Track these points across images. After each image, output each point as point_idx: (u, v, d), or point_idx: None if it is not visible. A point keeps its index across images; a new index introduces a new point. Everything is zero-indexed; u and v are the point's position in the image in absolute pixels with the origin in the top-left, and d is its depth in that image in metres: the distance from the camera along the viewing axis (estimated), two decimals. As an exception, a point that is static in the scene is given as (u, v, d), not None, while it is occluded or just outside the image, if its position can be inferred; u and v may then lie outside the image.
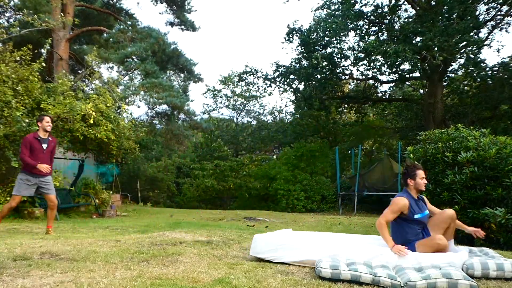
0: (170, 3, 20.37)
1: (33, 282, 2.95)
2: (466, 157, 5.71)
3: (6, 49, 9.54)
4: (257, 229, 7.29)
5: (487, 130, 6.45)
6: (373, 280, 3.15)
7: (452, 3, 14.31)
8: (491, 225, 5.36)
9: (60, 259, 3.78)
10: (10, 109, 8.24)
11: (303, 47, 18.06)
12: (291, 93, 22.02)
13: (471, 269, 3.41)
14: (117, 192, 14.78)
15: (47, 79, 12.46)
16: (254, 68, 22.37)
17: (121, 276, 3.16)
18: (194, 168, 20.06)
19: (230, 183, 18.68)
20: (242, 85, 27.06)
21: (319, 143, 20.45)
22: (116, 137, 10.40)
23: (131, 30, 18.04)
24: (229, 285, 3.01)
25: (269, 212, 13.95)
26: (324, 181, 17.67)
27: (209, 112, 29.69)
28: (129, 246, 4.51)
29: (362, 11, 17.53)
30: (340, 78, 19.35)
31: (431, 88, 17.21)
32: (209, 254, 4.14)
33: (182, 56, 20.43)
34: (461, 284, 3.03)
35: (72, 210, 10.42)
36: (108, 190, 12.30)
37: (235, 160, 19.92)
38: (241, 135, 27.36)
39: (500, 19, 16.36)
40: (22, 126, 8.19)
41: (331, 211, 16.48)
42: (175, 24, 20.83)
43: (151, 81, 16.74)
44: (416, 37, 15.48)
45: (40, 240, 5.05)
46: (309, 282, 3.17)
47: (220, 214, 11.75)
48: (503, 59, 16.38)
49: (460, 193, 5.77)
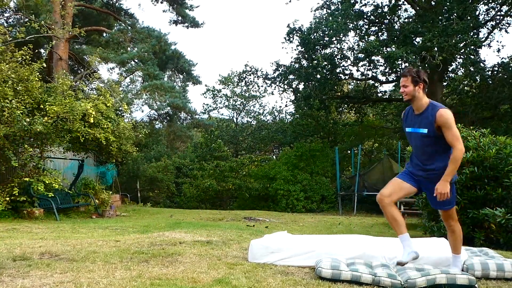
0: (171, 2, 20.37)
1: (32, 282, 2.95)
2: (466, 157, 5.71)
3: (8, 49, 9.55)
4: (257, 229, 7.28)
5: (487, 130, 6.45)
6: (373, 280, 3.15)
7: (452, 3, 14.31)
8: (491, 225, 5.37)
9: (60, 259, 3.78)
10: (11, 109, 8.24)
11: (303, 47, 18.05)
12: (291, 93, 22.00)
13: (471, 270, 3.42)
14: (117, 192, 14.78)
15: (46, 79, 12.46)
16: (254, 68, 22.35)
17: (120, 276, 3.15)
18: (193, 168, 20.05)
19: (230, 184, 18.67)
20: (242, 85, 27.03)
21: (320, 143, 20.44)
22: (116, 137, 10.40)
23: (131, 30, 18.06)
24: (229, 285, 3.01)
25: (269, 212, 13.94)
26: (324, 181, 17.66)
27: (209, 112, 29.69)
28: (128, 246, 4.50)
29: (362, 11, 17.53)
30: (340, 78, 19.33)
31: (431, 88, 17.20)
32: (209, 254, 4.14)
33: (182, 58, 20.45)
34: (459, 278, 3.06)
35: (71, 210, 10.42)
36: (107, 190, 12.29)
37: (235, 160, 19.91)
38: (241, 135, 27.32)
39: (500, 19, 16.37)
40: (22, 126, 8.19)
41: (331, 211, 16.48)
42: (178, 22, 20.83)
43: (153, 83, 16.77)
44: (416, 37, 15.48)
45: (40, 240, 5.05)
46: (309, 282, 3.16)
47: (220, 214, 11.74)
48: (503, 59, 16.39)
49: (460, 193, 5.77)
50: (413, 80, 3.14)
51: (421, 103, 3.17)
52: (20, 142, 8.69)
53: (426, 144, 3.18)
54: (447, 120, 3.03)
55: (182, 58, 20.39)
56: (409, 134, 3.32)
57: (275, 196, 17.35)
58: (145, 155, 21.10)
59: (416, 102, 3.18)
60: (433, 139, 3.12)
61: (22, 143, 8.74)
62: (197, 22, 20.63)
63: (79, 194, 10.99)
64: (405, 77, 3.17)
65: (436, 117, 3.06)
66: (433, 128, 3.09)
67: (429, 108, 3.14)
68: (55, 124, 8.93)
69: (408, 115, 3.33)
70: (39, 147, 9.23)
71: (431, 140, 3.13)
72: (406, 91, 3.17)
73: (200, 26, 20.79)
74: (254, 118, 29.30)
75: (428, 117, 3.11)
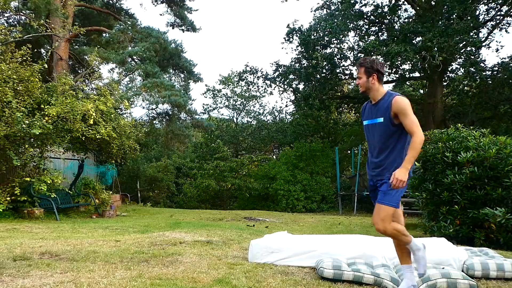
0: (170, 4, 20.37)
1: (33, 282, 2.95)
2: (466, 157, 5.71)
3: (8, 49, 9.54)
4: (257, 229, 7.29)
5: (487, 130, 6.45)
6: (375, 281, 3.15)
7: (452, 3, 14.31)
8: (491, 225, 5.37)
9: (60, 259, 3.78)
10: (11, 109, 8.24)
11: (303, 47, 18.06)
12: (291, 93, 22.03)
13: (472, 270, 3.41)
14: (117, 192, 14.78)
15: (47, 79, 12.46)
16: (254, 68, 22.37)
17: (121, 276, 3.16)
18: (193, 168, 20.05)
19: (229, 184, 18.69)
20: (242, 85, 27.06)
21: (320, 143, 20.44)
22: (117, 135, 10.40)
23: (131, 30, 18.05)
24: (229, 285, 3.01)
25: (269, 212, 13.95)
26: (324, 181, 17.67)
27: (209, 112, 29.72)
28: (129, 246, 4.51)
29: (362, 11, 17.54)
30: (340, 78, 19.34)
31: (431, 88, 17.21)
32: (209, 254, 4.14)
33: (183, 56, 20.43)
34: (460, 283, 3.04)
35: (72, 210, 10.43)
36: (108, 190, 12.29)
37: (235, 161, 19.91)
38: (241, 135, 27.35)
39: (500, 19, 16.36)
40: (21, 128, 8.19)
41: (331, 211, 16.48)
42: (175, 25, 20.83)
43: (153, 81, 16.76)
44: (416, 37, 15.48)
45: (40, 240, 5.05)
46: (309, 282, 3.17)
47: (220, 214, 11.74)
48: (502, 59, 16.39)
49: (460, 193, 5.77)
50: (366, 71, 2.98)
51: (377, 93, 3.00)
52: (20, 142, 8.70)
53: (382, 136, 2.96)
54: (403, 106, 2.86)
55: (183, 57, 20.37)
56: (367, 127, 3.10)
57: (275, 196, 17.36)
58: (145, 155, 21.10)
59: (372, 93, 3.01)
60: (389, 131, 2.92)
61: (23, 143, 8.74)
62: (195, 26, 20.65)
63: (79, 194, 10.99)
64: (359, 68, 3.02)
65: (391, 103, 2.89)
66: (389, 116, 2.90)
67: (386, 96, 2.97)
68: (55, 124, 8.93)
69: (366, 108, 3.14)
70: (40, 147, 9.24)
71: (388, 131, 2.93)
72: (360, 82, 3.02)
73: (197, 30, 20.80)
74: (254, 118, 29.33)
75: (384, 104, 2.94)
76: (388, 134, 2.94)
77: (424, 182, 6.37)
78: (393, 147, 2.94)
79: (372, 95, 3.03)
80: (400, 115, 2.87)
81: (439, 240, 4.09)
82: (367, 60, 3.03)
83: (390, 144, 2.95)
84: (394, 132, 2.92)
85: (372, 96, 3.03)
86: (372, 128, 3.05)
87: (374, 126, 3.02)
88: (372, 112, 3.04)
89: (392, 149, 2.94)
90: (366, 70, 2.98)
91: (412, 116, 2.86)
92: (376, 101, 3.01)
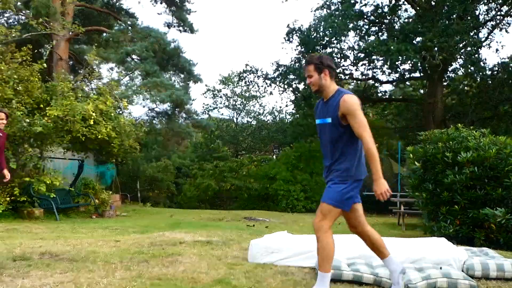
0: (169, 4, 20.36)
1: (32, 282, 2.95)
2: (466, 157, 5.71)
3: (8, 49, 9.54)
4: (257, 229, 7.29)
5: (487, 130, 6.45)
6: (375, 280, 3.15)
7: (452, 3, 14.31)
8: (491, 225, 5.37)
9: (60, 259, 3.78)
10: (11, 109, 8.24)
11: (303, 47, 18.05)
12: (291, 93, 22.01)
13: (472, 270, 3.41)
14: (117, 192, 14.77)
15: (46, 79, 12.46)
16: (254, 67, 22.36)
17: (120, 277, 3.15)
18: (193, 168, 20.06)
19: (229, 184, 18.69)
20: (242, 84, 27.05)
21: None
22: (117, 134, 10.40)
23: (131, 30, 18.05)
24: (229, 285, 3.01)
25: (269, 212, 13.94)
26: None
27: (208, 112, 29.71)
28: (128, 246, 4.50)
29: (362, 11, 17.52)
30: (340, 78, 19.34)
31: (431, 88, 17.19)
32: (209, 255, 4.14)
33: (182, 56, 20.42)
34: (461, 283, 3.03)
35: (71, 210, 10.41)
36: (107, 190, 12.29)
37: (235, 161, 19.91)
38: (241, 135, 27.35)
39: (500, 19, 16.36)
40: (22, 126, 8.18)
41: (331, 211, 16.44)
42: (173, 26, 20.82)
43: (153, 80, 16.76)
44: (416, 37, 15.48)
45: (40, 240, 5.05)
46: (309, 283, 3.16)
47: (220, 214, 11.74)
48: (503, 59, 16.40)
49: (460, 193, 5.77)
50: (316, 68, 2.77)
51: (328, 90, 2.80)
52: (20, 142, 8.69)
53: (332, 137, 2.76)
54: (351, 106, 2.65)
55: (182, 57, 20.36)
56: (318, 127, 2.91)
57: (275, 196, 17.35)
58: (145, 155, 21.10)
59: (325, 91, 2.81)
60: (338, 132, 2.73)
61: (22, 143, 8.74)
62: (193, 28, 20.64)
63: (79, 194, 10.99)
64: (308, 66, 2.81)
65: (339, 103, 2.68)
66: (337, 116, 2.70)
67: (336, 94, 2.77)
68: (55, 125, 8.93)
69: (319, 105, 2.94)
70: (39, 147, 9.23)
71: (337, 132, 2.73)
72: (312, 81, 2.80)
73: (194, 32, 20.79)
74: (254, 118, 29.33)
75: (333, 103, 2.74)
76: (337, 136, 2.75)
77: (424, 182, 6.36)
78: (344, 152, 2.76)
79: (325, 93, 2.83)
80: (348, 116, 2.67)
81: (439, 240, 4.09)
82: (314, 57, 2.86)
83: (339, 148, 2.76)
84: (343, 134, 2.73)
85: (325, 94, 2.83)
86: (322, 128, 2.86)
87: (324, 127, 2.83)
88: (323, 111, 2.85)
89: (342, 154, 2.76)
90: (316, 66, 2.78)
91: (361, 117, 2.67)
92: (327, 99, 2.82)
